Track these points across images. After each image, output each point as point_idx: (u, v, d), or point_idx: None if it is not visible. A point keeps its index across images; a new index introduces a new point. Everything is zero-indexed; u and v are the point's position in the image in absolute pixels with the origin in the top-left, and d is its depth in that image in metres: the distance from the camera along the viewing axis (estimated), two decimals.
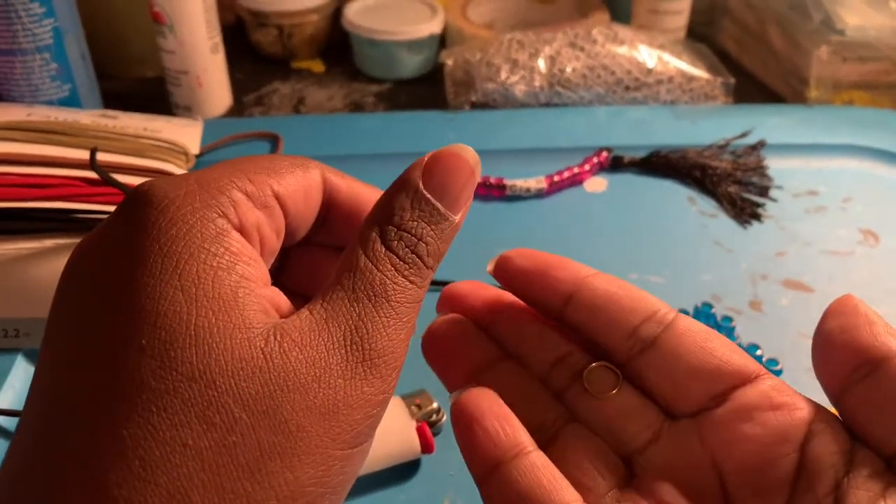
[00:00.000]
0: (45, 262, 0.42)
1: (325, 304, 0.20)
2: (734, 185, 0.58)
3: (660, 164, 0.60)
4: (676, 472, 0.22)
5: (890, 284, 0.51)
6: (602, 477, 0.22)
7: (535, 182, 0.58)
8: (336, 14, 0.78)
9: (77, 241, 0.42)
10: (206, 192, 0.20)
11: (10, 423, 0.40)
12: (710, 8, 0.83)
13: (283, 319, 0.20)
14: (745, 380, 0.22)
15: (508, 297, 0.26)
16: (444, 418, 0.40)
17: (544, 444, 0.23)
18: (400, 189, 0.22)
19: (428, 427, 0.39)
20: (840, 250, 0.54)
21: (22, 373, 0.43)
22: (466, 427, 0.22)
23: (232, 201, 0.21)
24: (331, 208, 0.24)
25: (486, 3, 0.79)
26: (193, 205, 0.20)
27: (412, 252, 0.21)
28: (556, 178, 0.58)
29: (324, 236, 0.25)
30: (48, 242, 0.43)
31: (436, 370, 0.25)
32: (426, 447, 0.38)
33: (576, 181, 0.59)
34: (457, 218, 0.22)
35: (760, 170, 0.60)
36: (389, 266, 0.21)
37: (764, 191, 0.58)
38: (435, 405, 0.40)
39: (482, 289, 0.26)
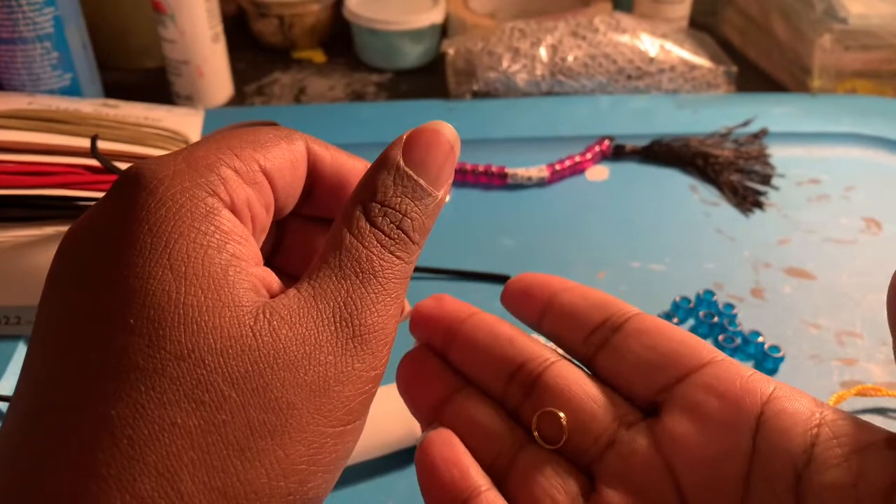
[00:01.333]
0: (46, 249, 0.42)
1: (313, 282, 0.20)
2: (736, 174, 0.58)
3: (662, 152, 0.60)
4: (633, 478, 0.22)
5: (892, 272, 0.51)
6: (560, 495, 0.22)
7: (537, 171, 0.57)
8: (337, 4, 0.78)
9: None
10: (194, 171, 0.20)
11: None
12: None
13: (272, 298, 0.20)
14: (690, 369, 0.22)
15: (465, 313, 0.26)
16: None
17: (502, 473, 0.23)
18: (381, 166, 0.22)
19: None
20: (842, 238, 0.53)
21: (22, 359, 0.43)
22: (426, 476, 0.23)
23: (221, 179, 0.20)
24: (316, 179, 0.24)
25: None
26: (182, 184, 0.20)
27: (397, 228, 0.21)
28: (557, 167, 0.58)
29: (310, 208, 0.25)
30: (49, 230, 0.42)
31: (408, 406, 0.26)
32: None
33: (577, 170, 0.59)
34: (439, 193, 0.22)
35: (763, 158, 0.60)
36: (375, 242, 0.21)
37: (766, 179, 0.58)
38: None
39: (442, 309, 0.26)
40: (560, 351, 0.25)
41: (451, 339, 0.26)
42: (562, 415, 0.23)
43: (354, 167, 0.24)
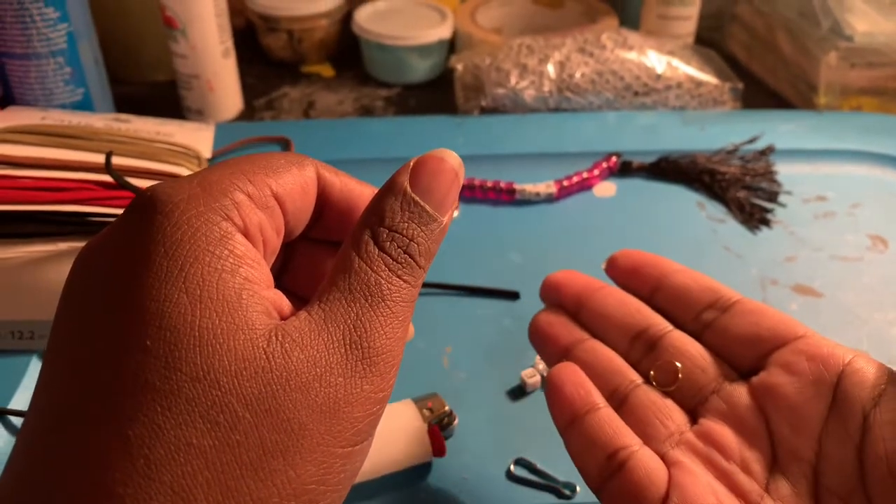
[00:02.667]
0: (59, 265, 0.43)
1: (323, 305, 0.21)
2: (743, 191, 0.58)
3: (669, 169, 0.60)
4: (731, 415, 0.27)
5: None
6: (664, 426, 0.28)
7: (545, 187, 0.58)
8: (346, 19, 0.78)
9: None
10: (209, 195, 0.21)
11: None
12: (718, 14, 0.83)
13: (284, 321, 0.21)
14: (786, 340, 0.28)
15: (597, 284, 0.33)
16: (456, 421, 0.41)
17: (619, 401, 0.29)
18: (389, 192, 0.23)
19: (439, 430, 0.39)
20: (849, 256, 0.54)
21: (35, 374, 0.43)
22: (553, 392, 0.29)
23: (235, 203, 0.21)
24: (325, 204, 0.25)
25: (496, 8, 0.80)
26: (198, 208, 0.20)
27: (405, 252, 0.22)
28: (565, 183, 0.58)
29: (319, 232, 0.26)
30: (62, 245, 0.43)
31: (538, 352, 0.33)
32: (438, 450, 0.38)
33: (585, 186, 0.59)
34: (444, 219, 0.23)
35: (769, 175, 0.60)
36: (383, 266, 0.22)
37: (773, 196, 0.58)
38: (447, 408, 0.40)
39: (574, 278, 0.33)
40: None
41: (582, 304, 0.32)
42: (678, 364, 0.29)
43: (363, 193, 0.25)
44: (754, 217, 0.57)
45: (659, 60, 0.67)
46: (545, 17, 0.81)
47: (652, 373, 0.30)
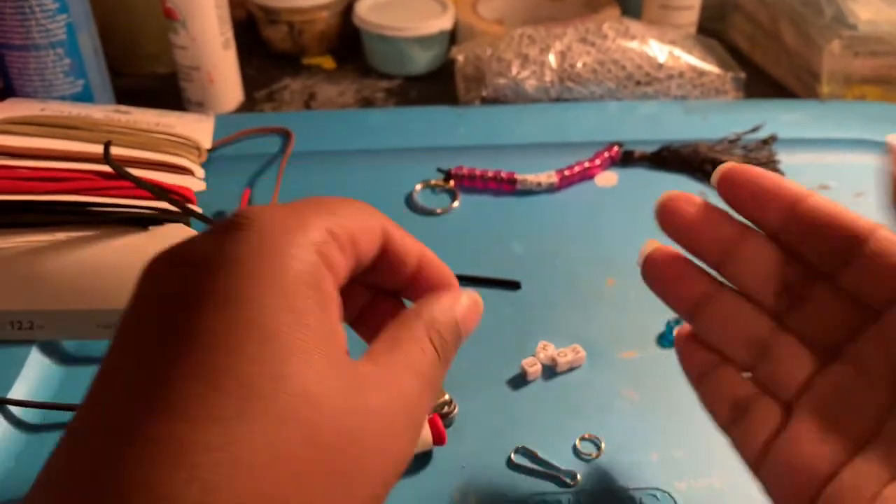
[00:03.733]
0: (58, 255, 0.42)
1: (391, 364, 0.24)
2: None
3: (670, 158, 0.60)
4: (858, 360, 0.28)
5: None
6: (796, 373, 0.29)
7: (546, 177, 0.58)
8: (347, 10, 0.78)
9: (90, 234, 0.43)
10: (306, 228, 0.23)
11: (23, 413, 0.41)
12: (721, 3, 0.82)
13: (361, 369, 0.23)
14: (870, 234, 0.27)
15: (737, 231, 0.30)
16: (456, 410, 0.40)
17: (754, 357, 0.30)
18: (448, 310, 0.27)
19: (440, 419, 0.39)
20: None
21: (36, 365, 0.43)
22: (683, 348, 0.32)
23: (324, 239, 0.23)
24: (381, 255, 0.27)
25: None
26: (296, 238, 0.22)
27: (444, 350, 0.26)
28: (566, 173, 0.58)
29: (365, 276, 0.27)
30: (61, 235, 0.43)
31: (656, 292, 0.32)
32: (438, 439, 0.38)
33: (587, 176, 0.59)
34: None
35: (772, 164, 0.60)
36: (434, 356, 0.26)
37: None
38: (447, 397, 0.40)
39: (691, 204, 0.31)
40: None
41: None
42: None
43: (412, 248, 0.28)
44: None
45: (661, 50, 0.67)
46: (547, 7, 0.80)
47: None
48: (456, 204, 0.57)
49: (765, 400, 0.29)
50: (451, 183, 0.58)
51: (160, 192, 0.44)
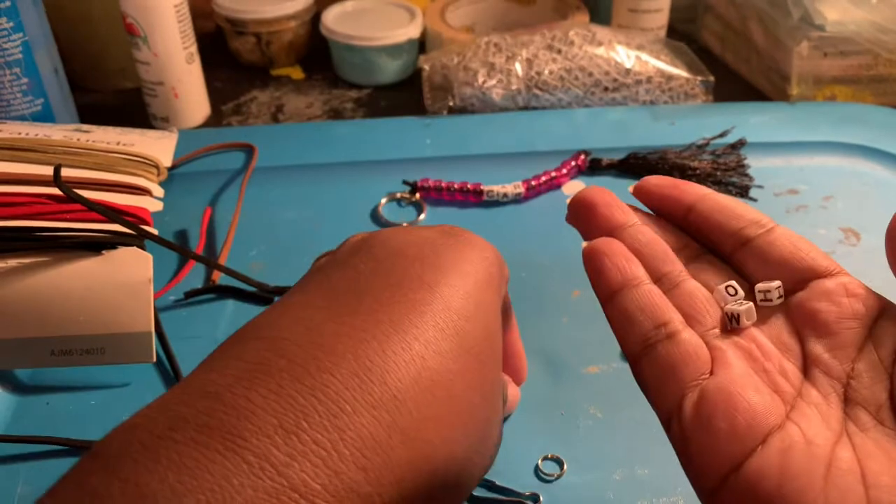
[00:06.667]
0: (9, 282, 0.42)
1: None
2: (714, 186, 0.58)
3: (638, 165, 0.59)
4: (766, 330, 0.28)
5: (872, 283, 0.50)
6: (710, 316, 0.28)
7: (513, 187, 0.57)
8: (314, 20, 0.77)
9: (41, 260, 0.42)
10: (503, 266, 0.32)
11: None
12: (692, 4, 0.82)
13: None
14: (825, 273, 0.28)
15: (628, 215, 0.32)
16: None
17: (667, 289, 0.29)
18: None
19: None
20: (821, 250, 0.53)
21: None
22: (596, 262, 0.28)
23: (505, 280, 0.33)
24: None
25: (465, 6, 0.79)
26: (500, 270, 0.32)
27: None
28: (533, 183, 0.57)
29: None
30: (12, 262, 0.42)
31: (581, 230, 0.32)
32: None
33: (554, 185, 0.58)
34: None
35: (740, 169, 0.59)
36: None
37: (744, 190, 0.58)
38: None
39: (612, 208, 0.32)
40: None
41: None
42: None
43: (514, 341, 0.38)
44: None
45: (628, 55, 0.66)
46: (517, 13, 0.80)
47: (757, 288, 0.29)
48: (422, 217, 0.56)
49: (690, 332, 0.27)
50: (418, 195, 0.57)
51: (112, 214, 0.43)
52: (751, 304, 0.28)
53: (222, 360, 0.24)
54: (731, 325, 0.28)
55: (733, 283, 0.29)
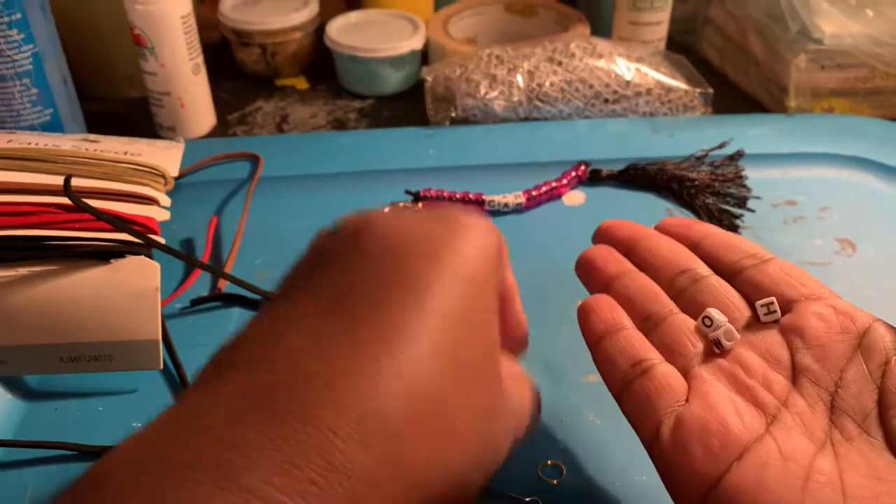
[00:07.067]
0: (20, 290, 0.42)
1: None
2: (712, 197, 0.58)
3: (637, 176, 0.60)
4: (757, 346, 0.30)
5: (867, 294, 0.51)
6: (692, 346, 0.30)
7: (514, 197, 0.58)
8: (319, 31, 0.78)
9: (51, 268, 0.43)
10: (502, 247, 0.27)
11: None
12: (692, 17, 0.83)
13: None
14: (813, 296, 0.30)
15: (649, 231, 0.38)
16: None
17: (652, 327, 0.32)
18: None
19: None
20: (817, 261, 0.54)
21: (2, 403, 0.43)
22: (585, 315, 0.34)
23: (504, 259, 0.27)
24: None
25: (468, 18, 0.80)
26: (498, 257, 0.26)
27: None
28: (534, 193, 0.58)
29: None
30: (23, 271, 0.43)
31: (583, 282, 0.39)
32: None
33: (554, 195, 0.59)
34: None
35: (738, 180, 0.60)
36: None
37: (742, 201, 0.58)
38: None
39: (628, 225, 0.39)
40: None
41: (634, 244, 0.37)
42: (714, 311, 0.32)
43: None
44: (723, 223, 0.56)
45: (628, 68, 0.67)
46: (518, 25, 0.81)
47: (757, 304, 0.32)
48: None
49: (666, 366, 0.30)
50: (420, 205, 0.58)
51: (121, 223, 0.44)
52: (729, 325, 0.30)
53: (212, 389, 0.23)
54: (716, 350, 0.30)
55: (709, 312, 0.31)
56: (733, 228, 0.56)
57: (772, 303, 0.31)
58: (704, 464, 0.26)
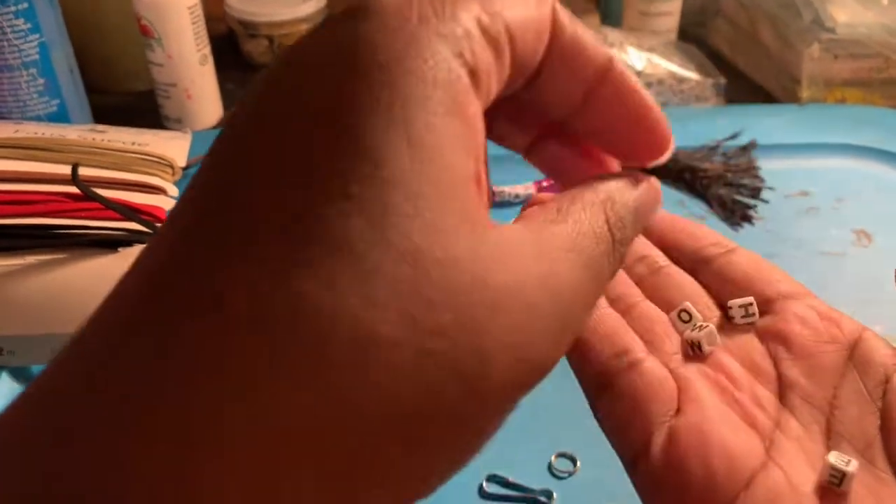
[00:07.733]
0: (28, 279, 0.42)
1: (550, 245, 0.17)
2: (725, 188, 0.58)
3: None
4: (737, 353, 0.25)
5: (883, 284, 0.51)
6: (669, 342, 0.25)
7: (524, 188, 0.57)
8: None
9: (59, 257, 0.43)
10: (442, 21, 0.16)
11: None
12: (702, 8, 0.82)
13: (506, 234, 0.16)
14: (791, 296, 0.26)
15: None
16: None
17: (622, 311, 0.26)
18: (624, 193, 0.20)
19: None
20: (833, 251, 0.53)
21: (7, 391, 0.43)
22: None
23: (466, 34, 0.16)
24: (546, 58, 0.18)
25: None
26: (430, 34, 0.15)
27: (621, 238, 0.19)
28: (544, 184, 0.58)
29: (522, 92, 0.19)
30: (31, 259, 0.42)
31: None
32: None
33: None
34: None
35: (752, 171, 0.59)
36: (609, 242, 0.18)
37: (755, 192, 0.58)
38: None
39: None
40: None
41: None
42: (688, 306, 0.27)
43: (592, 53, 0.19)
44: (736, 214, 0.56)
45: (639, 57, 0.67)
46: None
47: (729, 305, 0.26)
48: None
49: (654, 361, 0.24)
50: None
51: (129, 212, 0.44)
52: (711, 327, 0.25)
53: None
54: (692, 352, 0.25)
55: (687, 306, 0.26)
56: (747, 219, 0.56)
57: (750, 304, 0.26)
58: (705, 490, 0.22)
